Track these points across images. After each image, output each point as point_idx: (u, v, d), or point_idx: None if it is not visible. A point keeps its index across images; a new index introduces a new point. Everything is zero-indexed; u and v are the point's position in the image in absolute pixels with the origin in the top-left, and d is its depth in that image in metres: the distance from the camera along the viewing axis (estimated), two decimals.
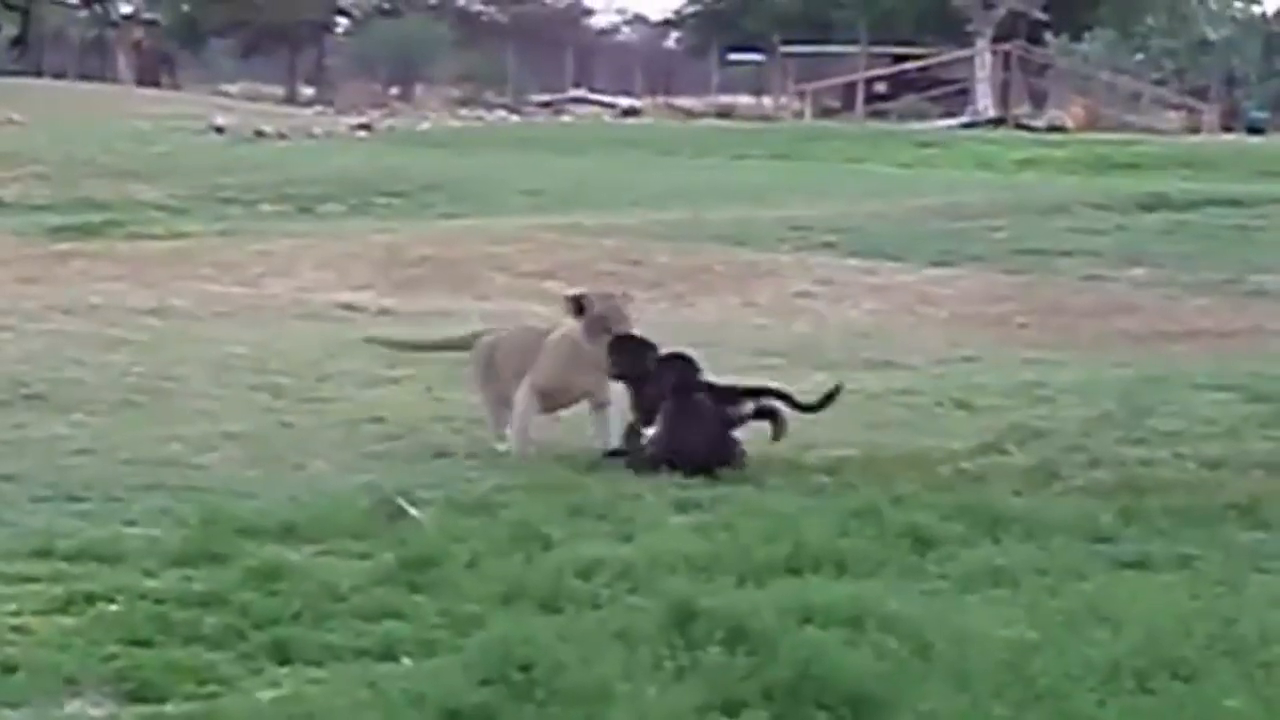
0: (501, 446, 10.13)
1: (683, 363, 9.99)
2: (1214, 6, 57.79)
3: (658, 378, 9.88)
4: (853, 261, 19.77)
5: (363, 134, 39.04)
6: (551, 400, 10.32)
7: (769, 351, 14.05)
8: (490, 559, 7.55)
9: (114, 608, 6.88)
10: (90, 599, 6.99)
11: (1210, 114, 50.00)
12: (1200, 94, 52.61)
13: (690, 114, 56.68)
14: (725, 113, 56.26)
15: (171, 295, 17.09)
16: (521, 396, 10.17)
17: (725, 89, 65.24)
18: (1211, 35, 54.88)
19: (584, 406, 10.39)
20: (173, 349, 13.61)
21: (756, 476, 9.41)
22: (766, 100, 61.01)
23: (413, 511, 8.38)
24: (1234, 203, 24.46)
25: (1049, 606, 6.92)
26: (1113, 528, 8.36)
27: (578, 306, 10.20)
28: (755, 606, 6.63)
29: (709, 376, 9.99)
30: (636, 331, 10.09)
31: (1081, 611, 6.82)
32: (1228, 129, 47.83)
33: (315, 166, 29.44)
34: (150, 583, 7.22)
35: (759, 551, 7.67)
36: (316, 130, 38.80)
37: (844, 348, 14.52)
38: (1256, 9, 63.24)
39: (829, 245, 20.89)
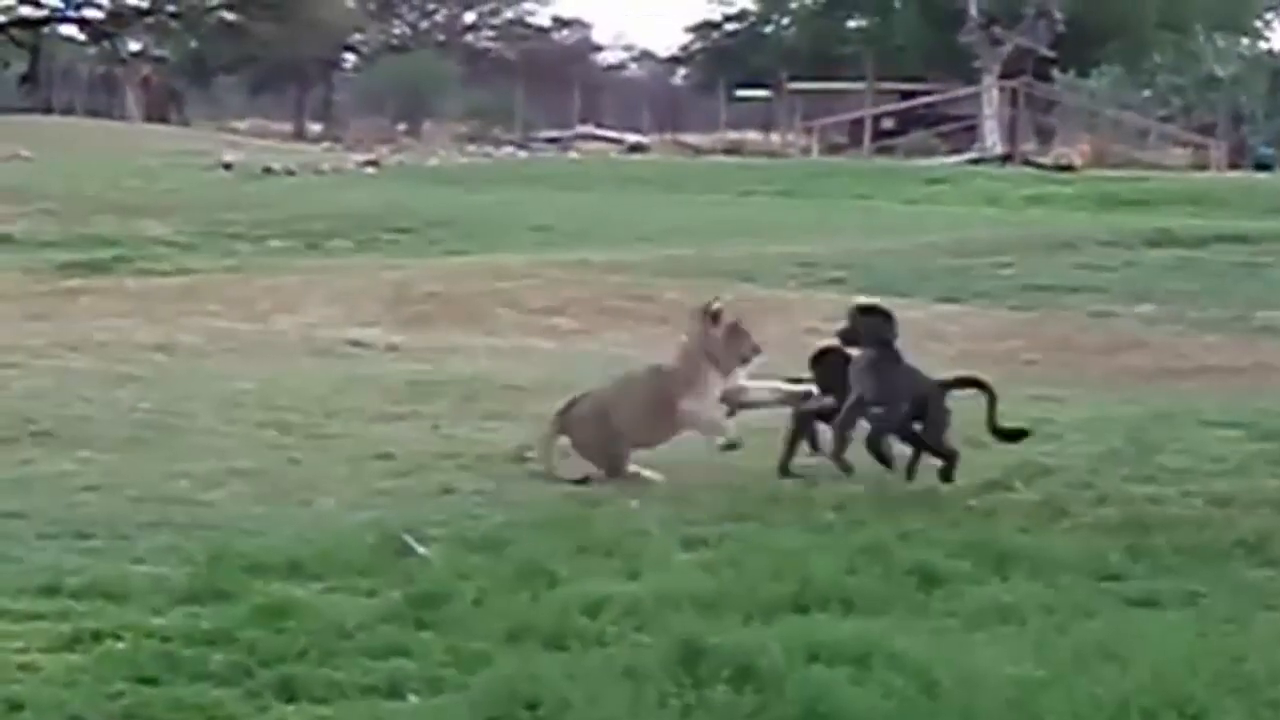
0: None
1: None
2: (1221, 44, 57.88)
3: None
4: (860, 298, 19.73)
5: (371, 170, 39.12)
6: None
7: None
8: (497, 596, 7.54)
9: (121, 645, 6.87)
10: (97, 636, 6.98)
11: (1218, 150, 50.06)
12: (1207, 130, 52.68)
13: (698, 150, 56.86)
14: (733, 149, 56.42)
15: (179, 331, 17.09)
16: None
17: (733, 125, 65.43)
18: (1219, 72, 54.97)
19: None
20: (180, 385, 13.61)
21: (763, 513, 9.40)
22: (774, 136, 61.12)
23: (420, 549, 8.37)
24: (1241, 239, 24.47)
25: (1056, 644, 6.91)
26: (1120, 565, 8.34)
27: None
28: (762, 644, 6.62)
29: None
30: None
31: (1089, 649, 6.81)
32: (1235, 166, 47.89)
33: (323, 203, 29.48)
34: (157, 620, 7.22)
35: (766, 589, 7.65)
36: (324, 166, 38.88)
37: None
38: (1263, 45, 63.48)
39: (837, 281, 20.89)
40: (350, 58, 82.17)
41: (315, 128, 71.81)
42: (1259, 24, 70.52)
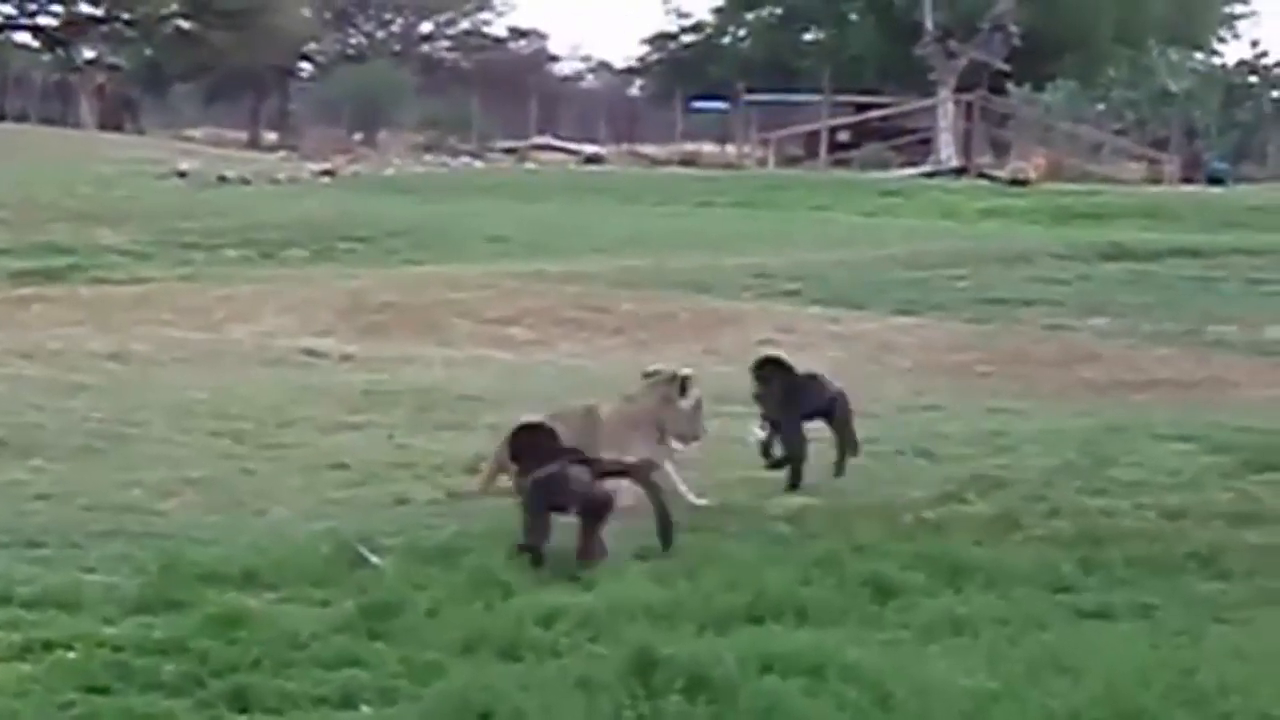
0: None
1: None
2: (1174, 58, 58.09)
3: None
4: (815, 309, 19.81)
5: (326, 179, 38.99)
6: None
7: (731, 399, 14.02)
8: (451, 607, 7.53)
9: (72, 655, 6.85)
10: (48, 646, 6.95)
11: (1171, 165, 50.25)
12: (1161, 145, 52.87)
13: (654, 161, 56.78)
14: (689, 160, 56.35)
15: (133, 340, 17.03)
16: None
17: (689, 136, 65.40)
18: (1172, 87, 55.17)
19: None
20: (133, 394, 13.56)
21: (718, 524, 9.40)
22: (730, 148, 61.15)
23: (373, 559, 8.35)
24: (1195, 253, 24.59)
25: (1009, 656, 6.93)
26: (1073, 577, 8.37)
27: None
28: (716, 655, 6.62)
29: None
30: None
31: (1042, 661, 6.83)
32: (1188, 180, 48.04)
33: (279, 212, 29.39)
34: (109, 630, 7.19)
35: (720, 600, 7.66)
36: (280, 175, 38.73)
37: None
38: (1217, 60, 63.73)
39: (792, 293, 20.93)
40: (306, 67, 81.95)
41: (271, 136, 71.57)
42: (1212, 39, 70.90)
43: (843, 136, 55.46)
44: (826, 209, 34.03)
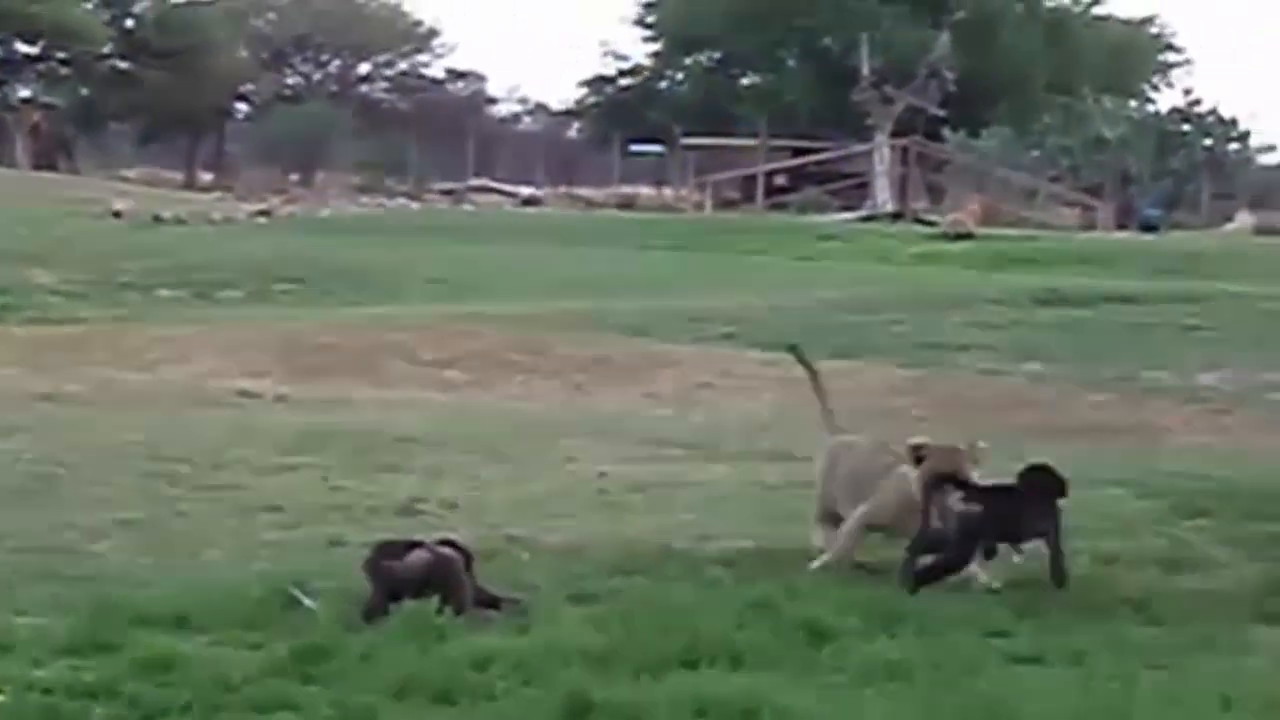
0: (815, 563, 9.57)
1: None
2: (1109, 105, 58.61)
3: None
4: (753, 353, 19.83)
5: (263, 220, 38.91)
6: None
7: (669, 442, 14.07)
8: (384, 650, 7.50)
9: (1, 698, 6.79)
10: None
11: (1105, 211, 50.64)
12: (1095, 191, 53.29)
13: (591, 204, 56.98)
14: (626, 203, 56.56)
15: (67, 381, 16.94)
16: (853, 529, 9.67)
17: (626, 179, 65.59)
18: (1106, 133, 55.64)
19: None
20: (67, 435, 13.47)
21: (653, 569, 9.38)
22: (667, 191, 61.34)
23: (306, 602, 8.31)
24: (1128, 299, 24.75)
25: (944, 701, 6.94)
26: (1007, 622, 8.39)
27: (916, 458, 9.66)
28: (651, 699, 6.62)
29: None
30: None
31: (975, 707, 6.84)
32: (1122, 226, 48.45)
33: (214, 252, 29.32)
34: (39, 673, 7.14)
35: (655, 644, 7.64)
36: (216, 216, 38.63)
37: (743, 439, 14.54)
38: (1150, 108, 64.31)
39: (729, 336, 20.97)
40: (243, 107, 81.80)
41: (206, 177, 71.41)
42: (1146, 87, 71.54)
43: (780, 180, 55.70)
44: (763, 253, 34.14)
